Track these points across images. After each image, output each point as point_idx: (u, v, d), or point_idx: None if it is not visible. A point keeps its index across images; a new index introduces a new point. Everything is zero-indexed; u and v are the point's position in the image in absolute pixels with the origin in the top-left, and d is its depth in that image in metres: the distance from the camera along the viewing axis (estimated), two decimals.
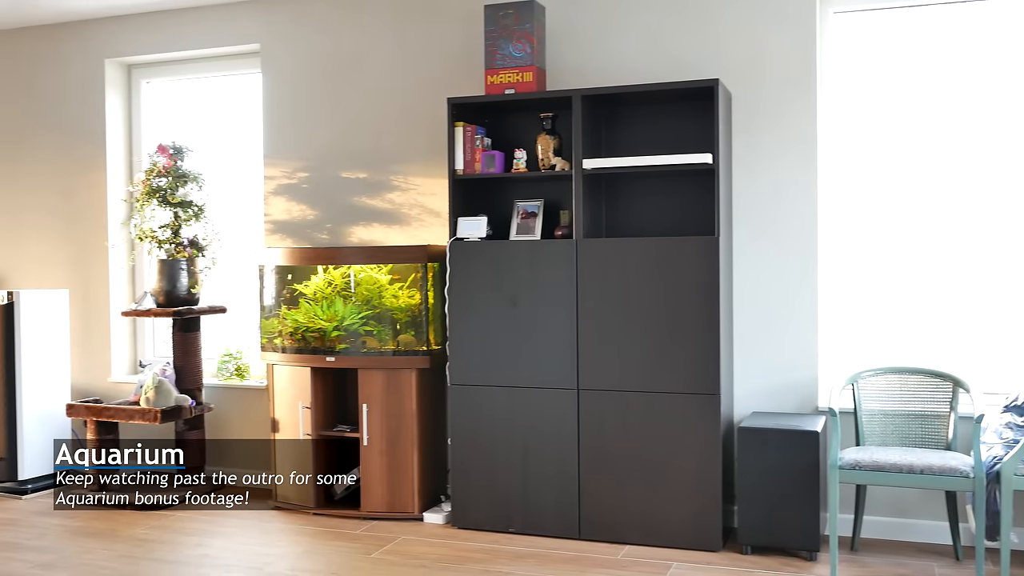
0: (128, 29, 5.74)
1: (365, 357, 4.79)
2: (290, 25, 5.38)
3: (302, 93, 5.38)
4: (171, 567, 4.18)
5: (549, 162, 4.53)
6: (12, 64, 6.06)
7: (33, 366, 5.41)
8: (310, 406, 4.87)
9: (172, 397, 5.15)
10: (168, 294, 5.22)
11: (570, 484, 4.38)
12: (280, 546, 4.48)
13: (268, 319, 5.04)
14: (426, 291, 4.74)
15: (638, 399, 4.27)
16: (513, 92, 4.52)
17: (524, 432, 4.46)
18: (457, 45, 5.00)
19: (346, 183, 5.28)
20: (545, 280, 4.42)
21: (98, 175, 5.84)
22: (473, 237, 4.54)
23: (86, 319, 5.88)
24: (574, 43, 4.79)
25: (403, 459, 4.73)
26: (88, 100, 5.85)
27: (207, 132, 5.77)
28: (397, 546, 4.37)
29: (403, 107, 5.15)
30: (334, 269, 4.87)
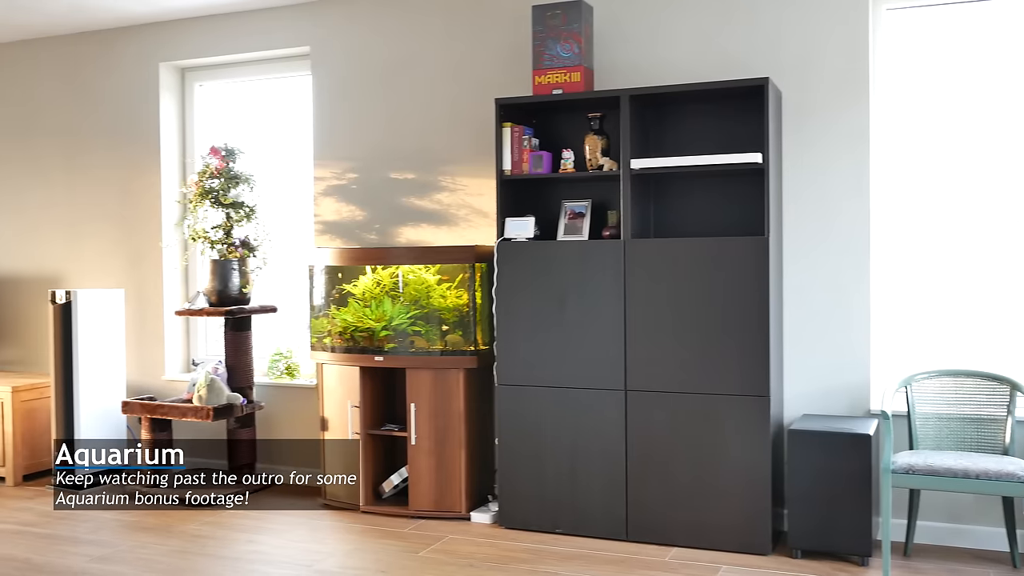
0: (182, 33, 5.84)
1: (413, 357, 4.82)
2: (340, 27, 5.43)
3: (351, 94, 5.43)
4: (223, 562, 4.24)
5: (597, 162, 4.52)
6: (71, 69, 6.20)
7: (90, 364, 5.52)
8: (359, 405, 4.91)
9: (224, 395, 5.22)
10: (220, 294, 5.30)
11: (617, 485, 4.37)
12: (329, 543, 4.53)
13: (318, 319, 5.09)
14: (474, 291, 4.76)
15: (686, 400, 4.24)
16: (561, 92, 4.52)
17: (571, 432, 4.46)
18: (505, 46, 5.01)
19: (395, 184, 5.32)
20: (593, 280, 4.41)
21: (152, 177, 5.95)
22: (520, 237, 4.55)
23: (141, 318, 5.99)
24: (622, 43, 4.77)
25: (451, 458, 4.75)
26: (143, 103, 5.96)
27: (258, 134, 5.85)
28: (444, 545, 4.39)
29: (451, 108, 5.17)
30: (383, 269, 4.90)
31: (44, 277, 6.27)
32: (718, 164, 4.23)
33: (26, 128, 6.36)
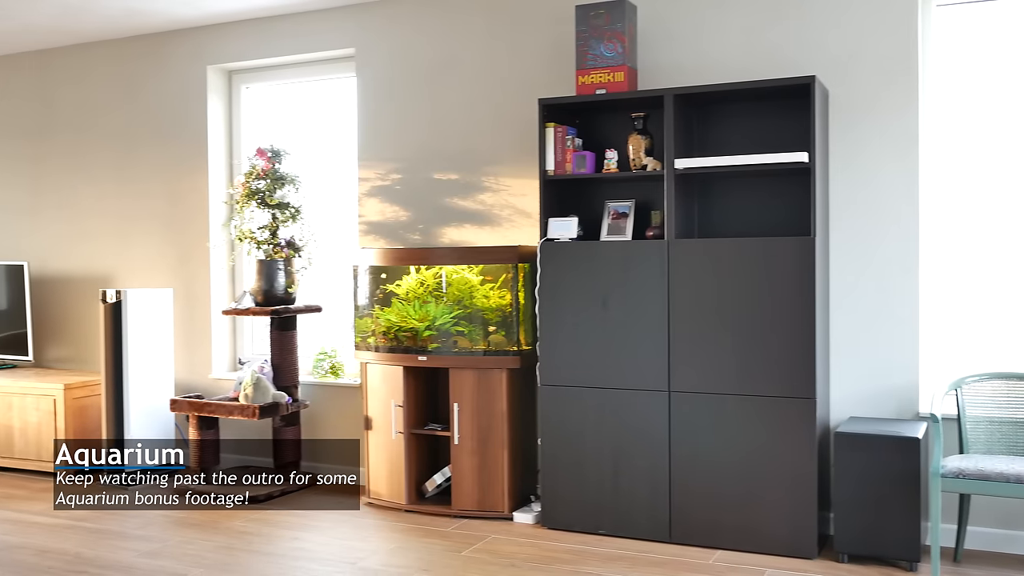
0: (229, 36, 5.91)
1: (456, 357, 4.84)
2: (384, 29, 5.47)
3: (395, 96, 5.46)
4: (268, 559, 4.28)
5: (640, 162, 4.50)
6: (123, 71, 6.30)
7: (139, 362, 5.60)
8: (402, 404, 4.94)
9: (270, 394, 5.28)
10: (266, 293, 5.36)
11: (661, 487, 4.35)
12: (372, 541, 4.55)
13: (362, 318, 5.13)
14: (516, 291, 4.76)
15: (731, 402, 4.21)
16: (604, 92, 4.50)
17: (614, 433, 4.44)
18: (548, 46, 5.01)
19: (438, 184, 5.34)
20: (636, 281, 4.39)
21: (200, 178, 6.03)
22: (564, 238, 4.54)
23: (189, 317, 6.07)
24: (666, 42, 4.74)
25: (493, 458, 4.76)
26: (191, 105, 6.05)
27: (304, 135, 5.90)
28: (487, 545, 4.39)
29: (494, 108, 5.18)
30: (426, 269, 4.92)
31: (95, 276, 6.39)
32: (763, 164, 4.19)
33: (80, 130, 6.49)
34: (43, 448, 5.77)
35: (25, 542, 4.46)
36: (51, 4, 5.49)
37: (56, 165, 6.58)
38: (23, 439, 5.86)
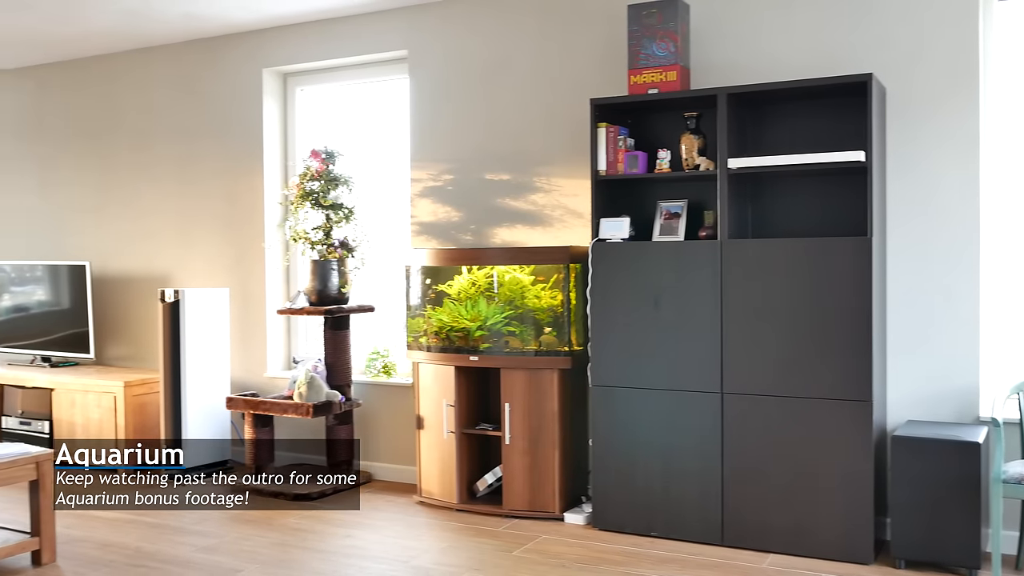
0: (284, 40, 5.99)
1: (507, 357, 4.85)
2: (436, 31, 5.50)
3: (447, 97, 5.49)
4: (322, 556, 4.33)
5: (693, 162, 4.47)
6: (181, 75, 6.42)
7: (196, 360, 5.70)
8: (454, 404, 4.96)
9: (323, 393, 5.34)
10: (320, 293, 5.42)
11: (713, 489, 4.31)
12: (424, 540, 4.58)
13: (414, 318, 5.16)
14: (568, 292, 4.75)
15: (785, 404, 4.16)
16: (656, 92, 4.48)
17: (666, 435, 4.41)
18: (600, 46, 5.00)
19: (490, 185, 5.35)
20: (689, 281, 4.36)
21: (256, 179, 6.12)
22: (615, 238, 4.52)
23: (244, 316, 6.16)
24: (719, 40, 4.70)
25: (544, 459, 4.76)
26: (248, 108, 6.14)
27: (357, 136, 5.96)
28: (537, 545, 4.40)
29: (546, 108, 5.18)
30: (478, 270, 4.94)
31: (155, 276, 6.51)
32: (819, 163, 4.13)
33: (142, 132, 6.62)
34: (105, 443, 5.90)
35: (88, 536, 4.56)
36: (113, 10, 5.61)
37: (120, 166, 6.73)
38: (85, 435, 6.00)
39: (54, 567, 4.16)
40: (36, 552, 4.17)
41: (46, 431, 6.15)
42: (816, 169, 4.19)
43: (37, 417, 6.21)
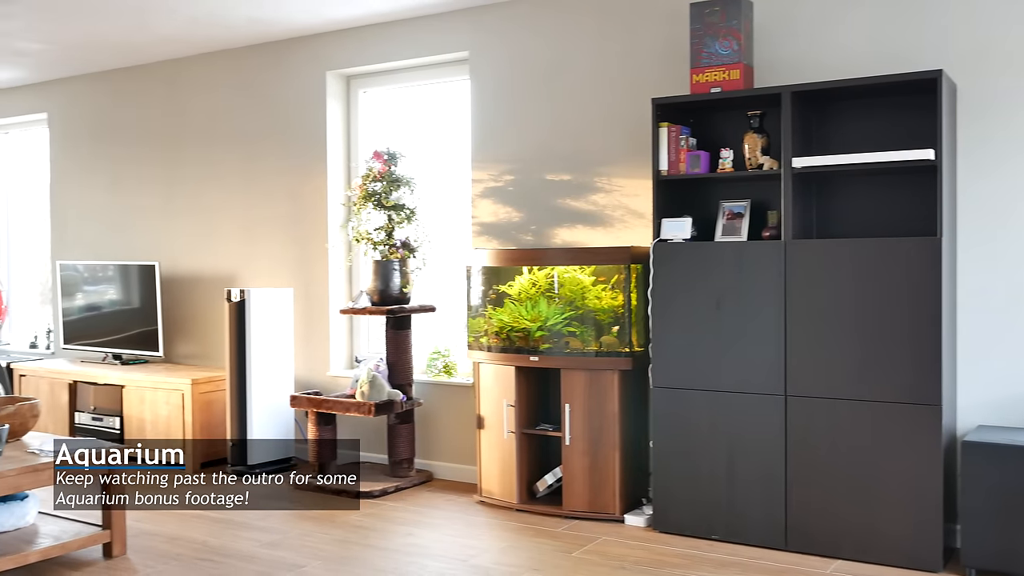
0: (348, 43, 6.06)
1: (568, 357, 4.84)
2: (497, 32, 5.51)
3: (509, 97, 5.50)
4: (383, 553, 4.37)
5: (756, 161, 4.41)
6: (247, 78, 6.54)
7: (261, 359, 5.80)
8: (514, 404, 4.97)
9: (385, 392, 5.39)
10: (382, 293, 5.47)
11: (776, 492, 4.25)
12: (484, 539, 4.60)
13: (474, 318, 5.18)
14: (629, 292, 4.73)
15: (851, 408, 4.08)
16: (719, 91, 4.43)
17: (728, 437, 4.37)
18: (661, 45, 4.96)
19: (551, 185, 5.35)
20: (752, 282, 4.30)
21: (320, 181, 6.20)
22: (677, 238, 4.49)
23: (308, 316, 6.25)
24: (784, 38, 4.64)
25: (605, 460, 4.74)
26: (311, 110, 6.23)
27: (419, 138, 6.01)
28: (597, 546, 4.38)
29: (607, 108, 5.16)
30: (538, 270, 4.94)
31: (221, 276, 6.64)
32: (887, 162, 4.05)
33: (208, 135, 6.76)
34: (173, 439, 6.03)
35: (157, 529, 4.67)
36: (180, 16, 5.74)
37: (187, 169, 6.88)
38: (154, 431, 6.14)
39: (124, 559, 4.27)
40: (107, 545, 4.29)
41: (117, 427, 6.31)
42: (883, 168, 4.11)
43: (108, 413, 6.38)
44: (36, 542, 4.17)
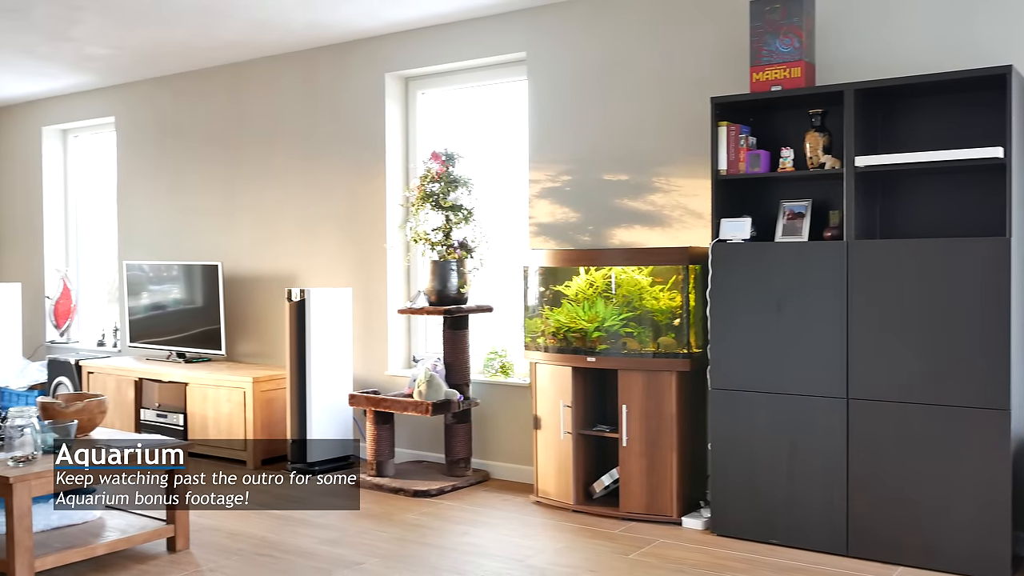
0: (406, 44, 6.10)
1: (625, 358, 4.81)
2: (554, 32, 5.50)
3: (566, 98, 5.49)
4: (440, 552, 4.40)
5: (818, 160, 4.35)
6: (307, 81, 6.62)
7: (321, 358, 5.86)
8: (571, 405, 4.96)
9: (442, 391, 5.42)
10: (439, 293, 5.50)
11: (838, 497, 4.18)
12: (540, 540, 4.60)
13: (531, 319, 5.18)
14: (687, 293, 4.69)
15: (915, 412, 4.00)
16: (780, 89, 4.37)
17: (788, 440, 4.31)
18: (720, 43, 4.91)
19: (608, 185, 5.33)
20: (813, 283, 4.24)
21: (378, 182, 6.26)
22: (736, 239, 4.44)
23: (366, 316, 6.31)
24: (847, 34, 4.56)
25: (662, 462, 4.71)
26: (370, 112, 6.28)
27: (476, 138, 6.03)
28: (655, 549, 4.35)
29: (665, 108, 5.13)
30: (595, 270, 4.93)
31: (282, 276, 6.74)
32: (953, 160, 3.96)
33: (268, 137, 6.86)
34: (234, 436, 6.14)
35: (219, 525, 4.75)
36: (241, 21, 5.83)
37: (248, 170, 6.99)
38: (216, 428, 6.26)
39: (187, 554, 4.35)
40: (171, 539, 4.37)
41: (181, 423, 6.44)
42: (949, 167, 4.02)
43: (172, 410, 6.51)
44: (103, 535, 4.27)
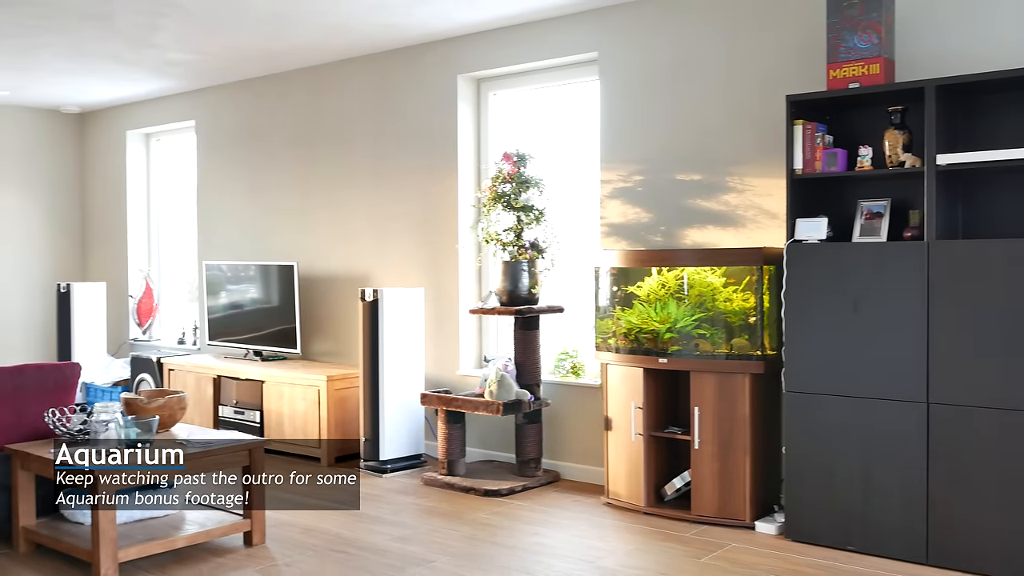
0: (478, 46, 6.14)
1: (697, 360, 4.77)
2: (626, 32, 5.48)
3: (638, 97, 5.46)
4: (510, 551, 4.41)
5: (898, 159, 4.24)
6: (379, 83, 6.70)
7: (394, 357, 5.92)
8: (642, 406, 4.93)
9: (513, 391, 5.43)
10: (511, 294, 5.51)
11: (917, 504, 4.08)
12: (611, 541, 4.58)
13: (603, 320, 5.16)
14: (761, 294, 4.62)
15: (1001, 417, 3.88)
16: (858, 86, 4.28)
17: (866, 444, 4.21)
18: (795, 40, 4.83)
19: (680, 185, 5.28)
20: (891, 285, 4.14)
21: (450, 182, 6.30)
22: (812, 239, 4.36)
23: (438, 315, 6.35)
24: (927, 29, 4.44)
25: (735, 465, 4.65)
26: (442, 113, 6.33)
27: (547, 139, 6.03)
28: (727, 553, 4.30)
29: (738, 107, 5.06)
30: (668, 271, 4.89)
31: (355, 276, 6.83)
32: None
33: (342, 138, 6.97)
34: (309, 434, 6.24)
35: (294, 520, 4.84)
36: (316, 26, 5.93)
37: (323, 172, 7.10)
38: (291, 425, 6.37)
39: (263, 548, 4.44)
40: (247, 533, 4.47)
41: (257, 420, 6.57)
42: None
43: (249, 407, 6.65)
44: (183, 528, 4.39)
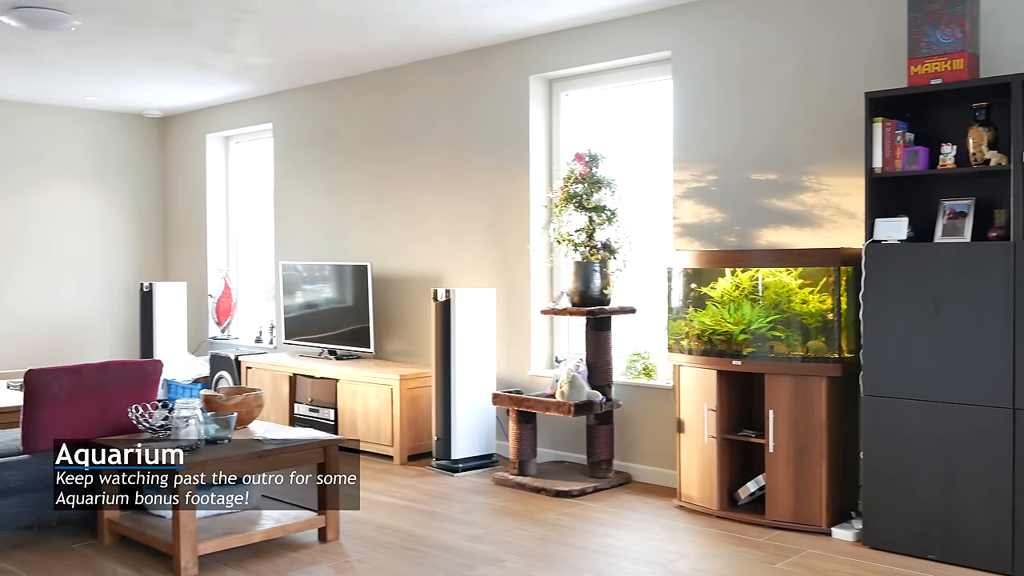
0: (550, 47, 6.14)
1: (772, 362, 4.69)
2: (700, 30, 5.42)
3: (711, 96, 5.40)
4: (581, 553, 4.40)
5: (982, 156, 4.12)
6: (453, 84, 6.75)
7: (465, 356, 5.96)
8: (715, 409, 4.87)
9: (584, 392, 5.42)
10: (582, 294, 5.50)
11: (1003, 513, 3.95)
12: (683, 544, 4.53)
13: (675, 321, 5.12)
14: (838, 296, 4.53)
15: None
16: (940, 82, 4.17)
17: (947, 451, 4.10)
18: (874, 35, 4.72)
19: (755, 185, 5.21)
20: (976, 286, 4.02)
21: (522, 183, 6.31)
22: (892, 239, 4.26)
23: (509, 316, 6.37)
24: (1013, 23, 4.30)
25: (811, 469, 4.57)
26: (514, 113, 6.35)
27: (619, 139, 6.00)
28: (802, 559, 4.22)
29: (814, 104, 4.97)
30: (742, 272, 4.82)
31: (428, 276, 6.89)
32: None
33: (417, 139, 7.03)
34: (382, 432, 6.32)
35: (368, 518, 4.90)
36: (390, 29, 6.00)
37: (398, 172, 7.18)
38: (365, 423, 6.45)
39: (337, 544, 4.50)
40: (322, 529, 4.54)
41: (332, 418, 6.67)
42: None
43: (324, 405, 6.76)
44: (259, 523, 4.47)
